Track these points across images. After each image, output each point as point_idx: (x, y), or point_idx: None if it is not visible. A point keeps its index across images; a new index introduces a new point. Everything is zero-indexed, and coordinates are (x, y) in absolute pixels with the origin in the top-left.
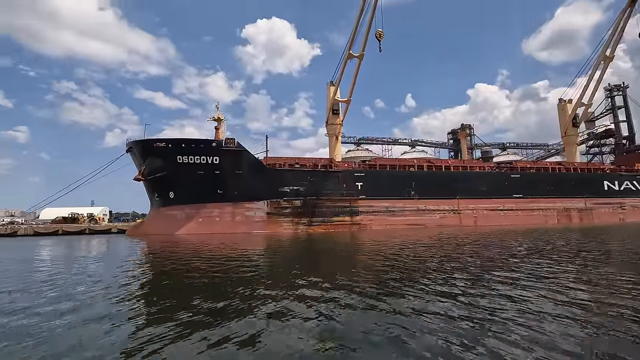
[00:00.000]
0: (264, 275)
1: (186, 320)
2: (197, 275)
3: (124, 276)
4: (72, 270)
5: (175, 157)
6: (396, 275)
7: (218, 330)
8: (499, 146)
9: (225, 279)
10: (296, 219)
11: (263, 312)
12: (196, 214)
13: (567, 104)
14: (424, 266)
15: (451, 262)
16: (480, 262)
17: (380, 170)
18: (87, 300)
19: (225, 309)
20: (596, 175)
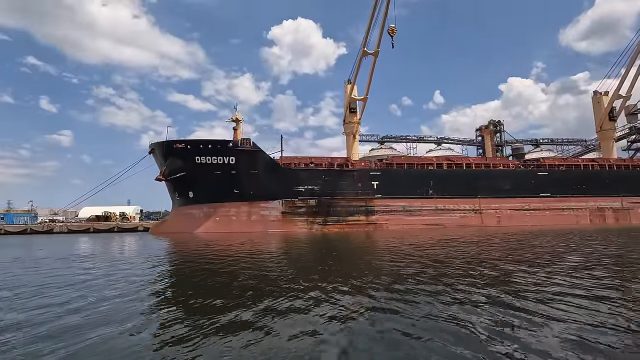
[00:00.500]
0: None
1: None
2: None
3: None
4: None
5: (193, 158)
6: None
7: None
8: (532, 142)
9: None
10: (311, 218)
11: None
12: (214, 213)
13: (603, 97)
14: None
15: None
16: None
17: (397, 169)
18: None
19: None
20: (634, 172)
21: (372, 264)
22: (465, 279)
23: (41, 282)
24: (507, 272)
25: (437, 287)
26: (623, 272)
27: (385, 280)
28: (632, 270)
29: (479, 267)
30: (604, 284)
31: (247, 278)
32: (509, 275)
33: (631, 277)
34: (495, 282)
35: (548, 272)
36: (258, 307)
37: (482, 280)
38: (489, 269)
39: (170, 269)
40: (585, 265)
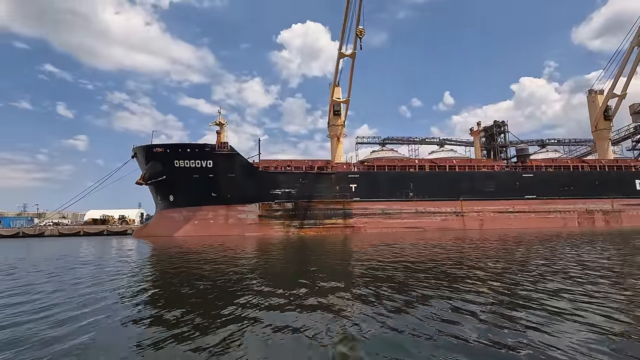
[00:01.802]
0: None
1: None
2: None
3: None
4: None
5: (173, 162)
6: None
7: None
8: (538, 143)
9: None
10: (287, 222)
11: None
12: (192, 216)
13: (598, 96)
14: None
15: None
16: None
17: (376, 171)
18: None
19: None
20: (626, 173)
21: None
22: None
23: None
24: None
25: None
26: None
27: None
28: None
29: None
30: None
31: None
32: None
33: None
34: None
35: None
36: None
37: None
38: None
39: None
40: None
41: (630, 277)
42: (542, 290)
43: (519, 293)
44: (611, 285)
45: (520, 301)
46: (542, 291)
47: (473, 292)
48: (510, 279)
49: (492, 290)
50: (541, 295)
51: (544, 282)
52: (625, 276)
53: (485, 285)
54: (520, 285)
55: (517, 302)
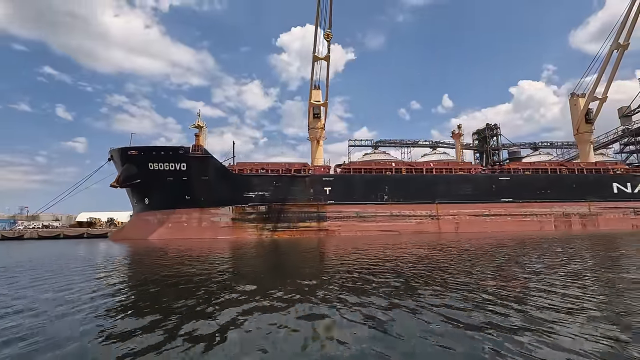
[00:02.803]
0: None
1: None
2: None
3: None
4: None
5: (147, 165)
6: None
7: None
8: (530, 146)
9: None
10: (261, 225)
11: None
12: (167, 219)
13: (579, 99)
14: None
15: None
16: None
17: (351, 174)
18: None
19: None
20: (604, 177)
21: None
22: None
23: None
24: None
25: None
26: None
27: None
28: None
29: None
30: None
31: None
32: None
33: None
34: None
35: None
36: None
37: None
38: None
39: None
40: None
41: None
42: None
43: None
44: (543, 290)
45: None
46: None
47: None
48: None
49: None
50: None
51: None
52: (555, 281)
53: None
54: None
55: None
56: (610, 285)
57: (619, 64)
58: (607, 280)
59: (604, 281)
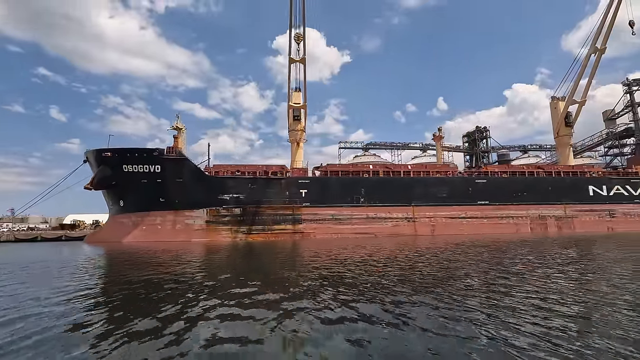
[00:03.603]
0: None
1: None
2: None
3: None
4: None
5: (121, 166)
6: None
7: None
8: (519, 149)
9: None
10: (235, 227)
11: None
12: (141, 221)
13: (560, 102)
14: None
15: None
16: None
17: (327, 177)
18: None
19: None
20: (580, 180)
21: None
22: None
23: None
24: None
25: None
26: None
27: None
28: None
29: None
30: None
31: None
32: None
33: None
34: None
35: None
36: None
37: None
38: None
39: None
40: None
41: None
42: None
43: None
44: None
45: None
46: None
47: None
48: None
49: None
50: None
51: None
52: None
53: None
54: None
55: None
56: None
57: (596, 67)
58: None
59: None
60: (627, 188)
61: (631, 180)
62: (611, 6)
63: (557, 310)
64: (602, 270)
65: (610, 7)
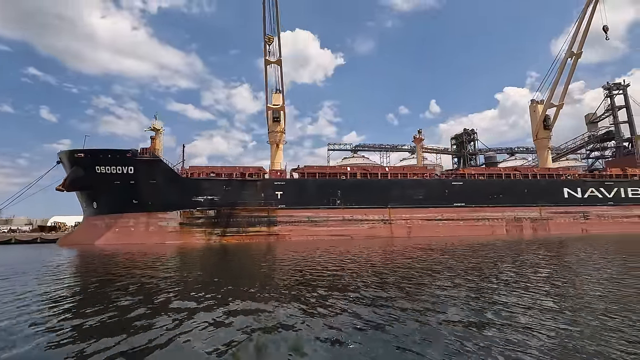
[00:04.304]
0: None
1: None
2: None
3: None
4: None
5: (94, 168)
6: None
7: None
8: (506, 151)
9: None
10: (209, 229)
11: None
12: (114, 223)
13: (538, 105)
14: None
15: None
16: None
17: (303, 178)
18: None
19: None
20: (555, 182)
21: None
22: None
23: None
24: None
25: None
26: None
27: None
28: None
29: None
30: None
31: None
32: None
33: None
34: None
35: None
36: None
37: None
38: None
39: None
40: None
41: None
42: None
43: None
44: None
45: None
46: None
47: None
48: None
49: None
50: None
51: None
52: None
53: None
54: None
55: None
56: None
57: (573, 71)
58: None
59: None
60: (601, 190)
61: (605, 182)
62: (586, 12)
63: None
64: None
65: (586, 13)
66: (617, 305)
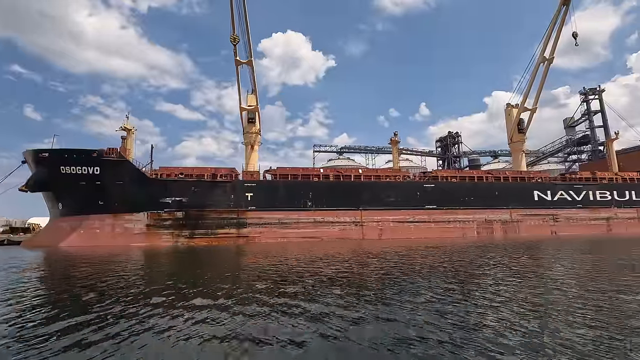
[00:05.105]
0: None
1: None
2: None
3: None
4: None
5: (58, 168)
6: None
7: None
8: (490, 154)
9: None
10: (177, 231)
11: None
12: (79, 225)
13: (513, 109)
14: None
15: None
16: None
17: (275, 180)
18: None
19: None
20: (525, 185)
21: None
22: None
23: None
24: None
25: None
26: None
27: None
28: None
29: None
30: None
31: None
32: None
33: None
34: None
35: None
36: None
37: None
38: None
39: None
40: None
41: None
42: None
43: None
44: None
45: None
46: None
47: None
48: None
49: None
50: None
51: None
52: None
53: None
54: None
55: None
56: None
57: (545, 76)
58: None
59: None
60: (570, 193)
61: (574, 185)
62: (557, 19)
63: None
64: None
65: (557, 20)
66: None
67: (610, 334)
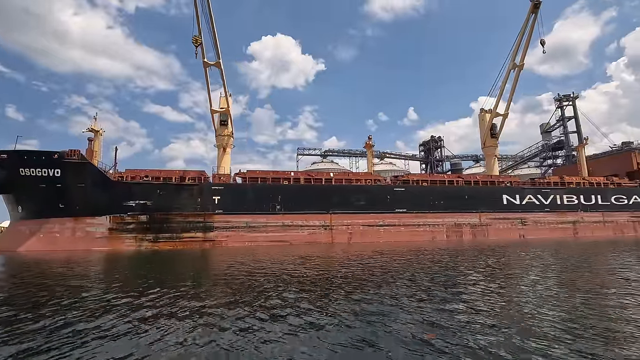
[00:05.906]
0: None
1: None
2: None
3: None
4: None
5: (18, 170)
6: None
7: None
8: (472, 158)
9: None
10: (140, 235)
11: None
12: (38, 229)
13: (487, 114)
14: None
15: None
16: None
17: (243, 183)
18: None
19: None
20: (494, 189)
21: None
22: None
23: None
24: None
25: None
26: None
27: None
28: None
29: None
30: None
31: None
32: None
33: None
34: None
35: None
36: None
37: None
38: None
39: None
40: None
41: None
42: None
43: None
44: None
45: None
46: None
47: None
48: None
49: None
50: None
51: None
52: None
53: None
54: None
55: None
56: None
57: (516, 82)
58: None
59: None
60: (538, 197)
61: (542, 190)
62: (526, 26)
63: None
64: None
65: (526, 27)
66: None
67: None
